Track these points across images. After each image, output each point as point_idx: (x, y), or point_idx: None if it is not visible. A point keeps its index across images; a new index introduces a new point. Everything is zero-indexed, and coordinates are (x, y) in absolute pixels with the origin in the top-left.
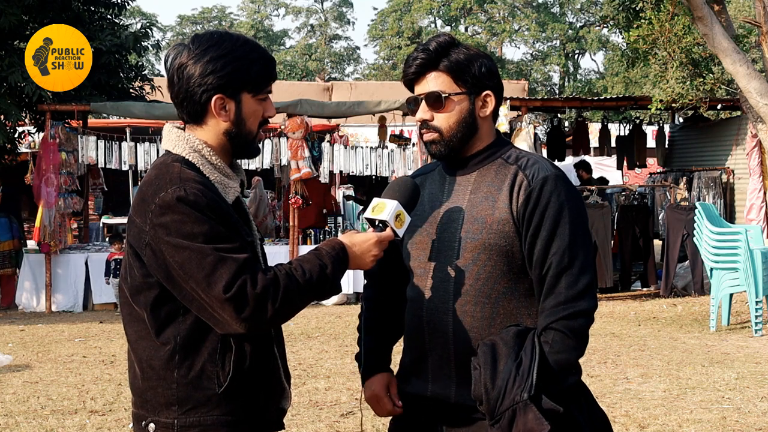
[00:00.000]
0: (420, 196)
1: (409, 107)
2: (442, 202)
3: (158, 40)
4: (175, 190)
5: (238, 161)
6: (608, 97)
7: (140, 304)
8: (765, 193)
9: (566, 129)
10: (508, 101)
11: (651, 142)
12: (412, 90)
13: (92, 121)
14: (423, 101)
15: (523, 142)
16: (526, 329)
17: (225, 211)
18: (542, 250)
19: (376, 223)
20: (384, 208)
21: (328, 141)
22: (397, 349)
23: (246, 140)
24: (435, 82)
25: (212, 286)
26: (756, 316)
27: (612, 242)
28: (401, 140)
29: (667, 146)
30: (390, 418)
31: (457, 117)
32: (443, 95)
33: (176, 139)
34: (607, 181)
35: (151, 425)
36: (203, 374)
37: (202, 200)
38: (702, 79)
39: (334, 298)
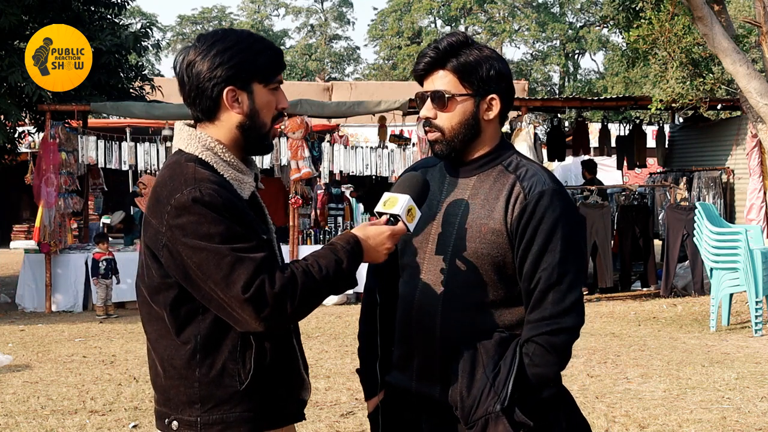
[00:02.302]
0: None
1: (417, 103)
2: (440, 202)
3: (158, 40)
4: (190, 191)
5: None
6: (608, 97)
7: (159, 304)
8: (765, 193)
9: (566, 129)
10: None
11: (651, 142)
12: (422, 85)
13: (92, 121)
14: (428, 99)
15: (523, 142)
16: (511, 337)
17: (240, 209)
18: (532, 265)
19: (388, 217)
20: (396, 202)
21: (328, 141)
22: None
23: (259, 133)
24: (441, 81)
25: (231, 287)
26: (756, 316)
27: (612, 242)
28: (401, 140)
29: (667, 146)
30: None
31: (460, 118)
32: (447, 95)
33: (188, 137)
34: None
35: (174, 423)
36: (225, 372)
37: (217, 200)
38: (702, 79)
39: (334, 299)
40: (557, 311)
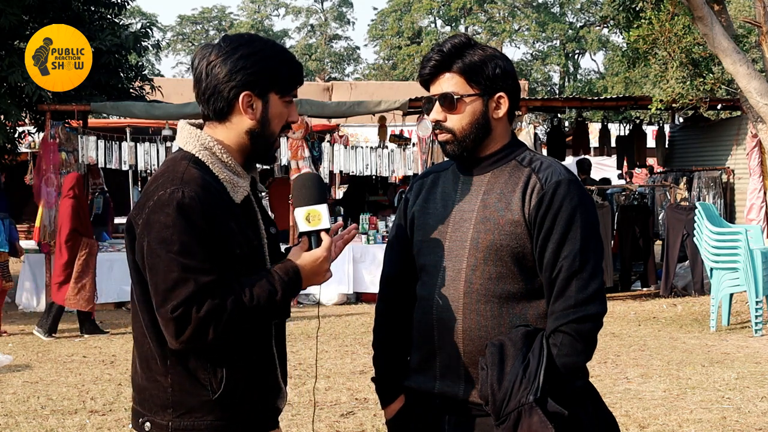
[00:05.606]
0: (433, 194)
1: (425, 107)
2: (455, 201)
3: (158, 40)
4: (173, 192)
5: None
6: (608, 97)
7: (141, 303)
8: (765, 193)
9: (566, 129)
10: None
11: (651, 142)
12: (428, 90)
13: (92, 121)
14: (437, 102)
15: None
16: (535, 330)
17: (218, 218)
18: (553, 254)
19: (309, 235)
20: (319, 216)
21: (328, 141)
22: None
23: (267, 141)
24: (448, 83)
25: (166, 302)
26: (756, 316)
27: (612, 242)
28: (401, 140)
29: (667, 146)
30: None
31: (470, 118)
32: (455, 97)
33: (188, 136)
34: (609, 182)
35: (147, 424)
36: (196, 381)
37: (196, 206)
38: (702, 79)
39: (334, 298)
40: (581, 299)
